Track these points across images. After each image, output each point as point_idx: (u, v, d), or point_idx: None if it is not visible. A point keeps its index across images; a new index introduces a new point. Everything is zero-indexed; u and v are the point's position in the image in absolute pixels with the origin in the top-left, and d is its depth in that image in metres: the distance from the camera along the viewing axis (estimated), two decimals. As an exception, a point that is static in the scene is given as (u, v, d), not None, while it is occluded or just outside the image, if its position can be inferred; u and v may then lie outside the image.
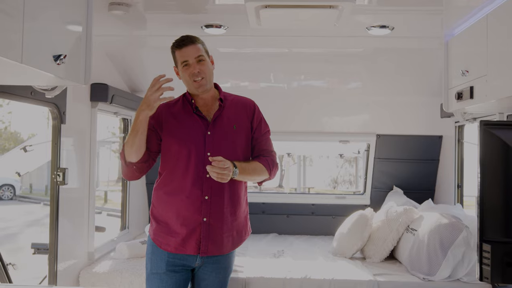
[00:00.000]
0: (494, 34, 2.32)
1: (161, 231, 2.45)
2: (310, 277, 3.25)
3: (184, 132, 2.42)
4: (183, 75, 2.43)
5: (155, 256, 2.47)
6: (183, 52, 2.40)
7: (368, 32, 3.36)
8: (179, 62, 2.43)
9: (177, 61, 2.44)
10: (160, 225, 2.45)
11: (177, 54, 2.43)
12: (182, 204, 2.39)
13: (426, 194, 4.48)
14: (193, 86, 2.41)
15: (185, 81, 2.44)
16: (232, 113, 2.49)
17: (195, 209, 2.38)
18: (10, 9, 1.62)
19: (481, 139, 1.66)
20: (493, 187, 1.64)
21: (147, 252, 2.53)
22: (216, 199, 2.40)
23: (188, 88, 2.47)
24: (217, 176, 2.22)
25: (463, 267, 3.17)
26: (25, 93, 2.59)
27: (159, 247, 2.45)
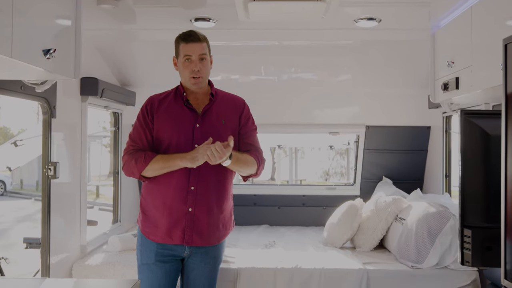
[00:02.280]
0: (478, 25, 2.37)
1: (149, 221, 2.50)
2: (301, 267, 3.30)
3: (174, 123, 2.47)
4: (183, 69, 2.47)
5: (145, 247, 2.52)
6: (189, 47, 2.44)
7: (356, 24, 3.39)
8: (181, 55, 2.46)
9: (180, 53, 2.47)
10: (147, 216, 2.51)
11: (181, 46, 2.46)
12: (169, 195, 2.44)
13: (414, 184, 4.54)
14: (190, 82, 2.47)
15: (183, 75, 2.49)
16: (222, 108, 2.53)
17: (180, 199, 2.42)
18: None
19: (462, 128, 1.70)
20: (474, 174, 1.68)
21: (137, 243, 2.58)
22: (202, 191, 2.43)
23: (184, 81, 2.52)
24: (210, 154, 2.24)
25: (451, 255, 3.23)
26: (15, 87, 2.59)
27: (147, 238, 2.50)
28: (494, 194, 1.52)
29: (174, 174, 2.42)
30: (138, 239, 2.57)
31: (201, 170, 2.40)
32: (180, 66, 2.49)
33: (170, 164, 2.38)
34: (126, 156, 2.46)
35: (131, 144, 2.49)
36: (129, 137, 2.53)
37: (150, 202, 2.50)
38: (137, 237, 2.59)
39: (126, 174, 2.49)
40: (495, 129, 1.61)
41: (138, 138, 2.49)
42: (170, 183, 2.43)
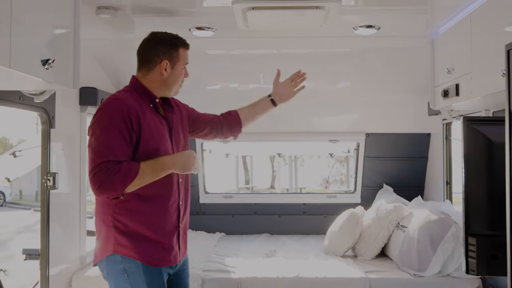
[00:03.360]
0: (477, 32, 2.37)
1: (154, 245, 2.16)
2: (302, 276, 3.27)
3: (159, 134, 2.21)
4: (179, 77, 2.29)
5: (153, 278, 2.15)
6: (187, 54, 2.32)
7: (354, 32, 3.39)
8: (181, 62, 2.28)
9: (180, 59, 2.27)
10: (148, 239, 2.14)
11: (182, 52, 2.28)
12: (163, 209, 2.19)
13: (415, 191, 4.52)
14: (176, 89, 2.32)
15: (175, 83, 2.29)
16: (178, 112, 2.41)
17: (174, 211, 2.24)
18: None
19: (465, 135, 1.69)
20: (478, 181, 1.67)
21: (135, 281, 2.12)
22: (186, 201, 2.34)
23: (168, 87, 2.28)
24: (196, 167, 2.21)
25: (453, 262, 3.21)
26: (14, 98, 2.58)
27: (153, 267, 2.15)
28: (499, 201, 1.50)
29: (168, 188, 2.20)
30: (133, 272, 2.11)
31: (185, 179, 2.32)
32: (176, 73, 2.27)
33: (160, 173, 2.11)
34: (104, 172, 1.99)
35: (111, 159, 2.01)
36: (104, 149, 2.03)
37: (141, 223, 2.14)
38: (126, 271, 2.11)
39: (100, 193, 2.04)
40: (498, 136, 1.59)
41: (119, 150, 2.04)
42: (163, 195, 2.19)
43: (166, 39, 2.27)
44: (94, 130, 2.09)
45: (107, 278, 2.18)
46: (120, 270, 2.11)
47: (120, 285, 2.12)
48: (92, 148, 2.06)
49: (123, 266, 2.11)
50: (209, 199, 4.85)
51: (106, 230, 2.14)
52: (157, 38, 2.28)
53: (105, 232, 2.14)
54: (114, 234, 2.11)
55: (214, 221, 4.79)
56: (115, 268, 2.12)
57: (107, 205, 2.13)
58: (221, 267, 3.48)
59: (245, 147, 5.99)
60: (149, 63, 2.26)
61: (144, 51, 2.29)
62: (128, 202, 2.11)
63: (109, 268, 2.14)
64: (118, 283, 2.13)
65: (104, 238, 2.15)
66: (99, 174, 1.99)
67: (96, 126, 2.09)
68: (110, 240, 2.12)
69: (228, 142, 4.77)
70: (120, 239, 2.11)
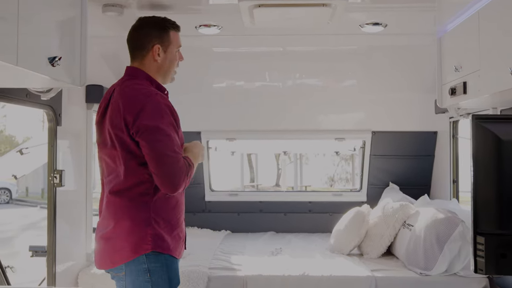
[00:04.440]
0: (486, 29, 2.34)
1: (176, 236, 2.13)
2: (308, 274, 3.26)
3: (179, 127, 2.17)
4: (173, 61, 2.21)
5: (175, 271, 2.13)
6: (179, 37, 2.22)
7: (361, 29, 3.37)
8: (174, 45, 2.20)
9: (172, 42, 2.19)
10: (175, 229, 2.12)
11: (173, 35, 2.20)
12: (182, 200, 2.21)
13: (422, 189, 4.50)
14: (171, 76, 2.24)
15: (169, 68, 2.20)
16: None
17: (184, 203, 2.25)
18: (5, 12, 1.63)
19: (474, 133, 1.68)
20: (486, 180, 1.65)
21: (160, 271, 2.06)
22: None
23: (165, 73, 2.21)
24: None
25: (460, 261, 3.19)
26: (21, 95, 2.59)
27: (176, 257, 2.13)
28: (508, 200, 1.49)
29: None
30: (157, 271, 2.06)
31: None
32: (169, 57, 2.19)
33: (196, 160, 2.18)
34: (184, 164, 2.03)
35: (179, 152, 2.04)
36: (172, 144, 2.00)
37: (176, 215, 2.14)
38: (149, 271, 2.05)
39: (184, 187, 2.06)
40: (507, 134, 1.58)
41: (177, 145, 2.04)
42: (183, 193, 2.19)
43: (155, 23, 2.18)
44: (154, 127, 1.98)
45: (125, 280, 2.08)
46: (143, 270, 2.04)
47: (140, 285, 2.05)
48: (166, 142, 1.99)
49: (147, 266, 2.04)
50: (214, 197, 4.85)
51: (143, 229, 2.03)
52: (145, 22, 2.20)
53: (139, 232, 2.04)
54: (154, 231, 2.03)
55: (220, 219, 4.79)
56: (138, 268, 2.04)
57: (144, 204, 2.04)
58: (227, 265, 3.49)
59: (251, 145, 5.99)
60: (141, 49, 2.17)
61: (134, 38, 2.20)
62: (164, 197, 2.07)
63: (131, 270, 2.05)
64: (137, 284, 2.05)
65: (136, 238, 2.03)
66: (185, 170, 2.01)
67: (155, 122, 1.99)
68: (147, 238, 2.03)
69: (233, 140, 4.78)
70: (162, 235, 2.05)
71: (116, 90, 2.14)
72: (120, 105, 2.03)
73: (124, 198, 2.05)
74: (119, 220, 2.06)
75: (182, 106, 2.67)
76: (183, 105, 2.63)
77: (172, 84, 2.30)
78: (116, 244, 2.06)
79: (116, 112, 2.03)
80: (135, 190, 2.04)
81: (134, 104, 2.01)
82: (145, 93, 2.05)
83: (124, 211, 2.06)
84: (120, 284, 2.11)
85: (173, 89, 2.63)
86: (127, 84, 2.13)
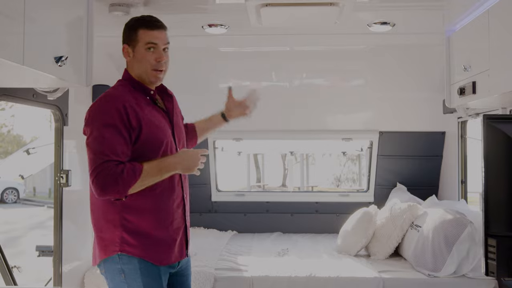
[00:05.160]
0: (495, 28, 2.32)
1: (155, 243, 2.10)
2: (315, 275, 3.24)
3: (160, 127, 2.12)
4: (146, 58, 2.11)
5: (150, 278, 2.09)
6: (154, 34, 2.11)
7: (369, 29, 3.35)
8: (142, 42, 2.10)
9: (138, 40, 2.10)
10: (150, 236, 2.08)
11: (143, 33, 2.10)
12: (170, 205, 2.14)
13: (430, 190, 4.46)
14: (151, 75, 2.12)
15: (142, 66, 2.12)
16: (175, 103, 2.33)
17: (180, 207, 2.20)
18: (11, 11, 1.63)
19: (485, 133, 1.65)
20: (498, 181, 1.63)
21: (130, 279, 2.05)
22: (188, 196, 2.28)
23: (141, 73, 2.14)
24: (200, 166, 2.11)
25: (468, 263, 3.16)
26: (28, 95, 2.59)
27: (154, 264, 2.09)
28: (520, 202, 1.47)
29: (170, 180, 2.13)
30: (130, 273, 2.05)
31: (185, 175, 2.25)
32: (137, 56, 2.11)
33: (163, 174, 2.04)
34: (106, 174, 1.91)
35: (113, 158, 1.94)
36: (104, 149, 1.94)
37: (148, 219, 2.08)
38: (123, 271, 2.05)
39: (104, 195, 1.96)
40: (519, 134, 1.56)
41: (119, 150, 1.96)
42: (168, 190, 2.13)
43: (128, 23, 2.17)
44: (91, 129, 1.99)
45: (106, 277, 2.13)
46: (117, 270, 2.05)
47: (117, 285, 2.07)
48: (90, 148, 1.97)
49: (121, 266, 2.05)
50: (221, 197, 4.84)
51: (112, 230, 2.06)
52: (125, 23, 2.19)
53: (110, 232, 2.06)
54: (122, 233, 2.04)
55: (226, 219, 4.78)
56: (113, 268, 2.06)
57: (113, 205, 2.04)
58: (233, 265, 3.47)
59: (257, 145, 5.97)
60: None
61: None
62: (136, 200, 2.04)
63: (108, 268, 2.09)
64: (115, 283, 2.08)
65: (108, 238, 2.07)
66: (101, 175, 1.91)
67: (92, 125, 1.99)
68: (116, 240, 2.04)
69: (240, 140, 4.76)
70: (128, 238, 2.04)
71: None
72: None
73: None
74: (95, 219, 2.15)
75: (188, 106, 2.66)
76: (189, 105, 2.61)
77: (178, 83, 2.29)
78: (94, 242, 2.17)
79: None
80: None
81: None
82: (100, 97, 2.07)
83: (99, 211, 2.11)
84: (106, 281, 2.18)
85: (179, 88, 2.62)
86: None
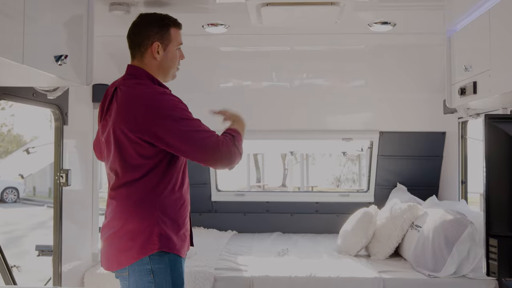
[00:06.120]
0: (497, 28, 2.31)
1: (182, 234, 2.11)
2: (315, 275, 3.24)
3: None
4: (173, 59, 2.18)
5: (180, 270, 2.09)
6: (180, 34, 2.20)
7: (370, 28, 3.34)
8: (174, 42, 2.16)
9: (172, 40, 2.16)
10: (180, 227, 2.10)
11: (174, 32, 2.17)
12: (187, 195, 2.18)
13: (430, 190, 4.46)
14: (173, 75, 2.22)
15: (171, 66, 2.19)
16: None
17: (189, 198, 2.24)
18: (11, 10, 1.62)
19: (486, 133, 1.64)
20: (499, 181, 1.62)
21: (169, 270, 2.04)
22: None
23: (170, 72, 2.20)
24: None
25: (469, 263, 3.16)
26: (27, 94, 2.59)
27: (182, 257, 2.11)
28: (521, 202, 1.46)
29: (185, 171, 2.16)
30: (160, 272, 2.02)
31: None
32: (169, 56, 2.16)
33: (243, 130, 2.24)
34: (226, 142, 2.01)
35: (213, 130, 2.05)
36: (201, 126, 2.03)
37: (182, 214, 2.11)
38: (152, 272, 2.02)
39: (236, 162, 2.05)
40: (521, 134, 1.55)
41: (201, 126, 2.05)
42: (185, 181, 2.15)
43: (155, 20, 2.16)
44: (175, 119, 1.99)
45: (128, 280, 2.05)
46: (146, 272, 2.01)
47: (143, 286, 2.02)
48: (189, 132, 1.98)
49: (150, 266, 2.00)
50: (221, 197, 4.83)
51: (146, 230, 2.00)
52: (146, 19, 2.17)
53: (144, 232, 2.00)
54: (160, 230, 2.00)
55: (226, 219, 4.78)
56: (140, 269, 2.01)
57: (150, 200, 2.01)
58: (233, 265, 3.47)
59: (257, 145, 5.97)
60: (141, 46, 2.15)
61: (134, 34, 2.17)
62: (171, 196, 2.05)
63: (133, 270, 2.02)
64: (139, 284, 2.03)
65: (142, 239, 2.00)
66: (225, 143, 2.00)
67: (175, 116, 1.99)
68: (153, 238, 2.00)
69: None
70: (167, 235, 2.02)
71: (120, 89, 2.09)
72: (128, 106, 2.01)
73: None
74: (126, 220, 2.03)
75: (188, 106, 2.65)
76: (190, 105, 2.60)
77: (179, 83, 2.29)
78: (121, 245, 2.03)
79: (123, 112, 2.01)
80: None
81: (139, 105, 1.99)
82: (151, 93, 2.03)
83: (130, 211, 2.03)
84: (124, 283, 2.09)
85: (180, 88, 2.61)
86: (129, 84, 2.10)
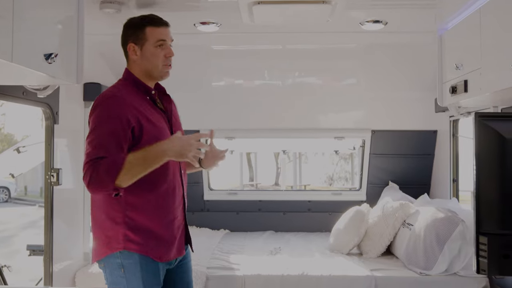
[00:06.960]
0: (487, 27, 2.32)
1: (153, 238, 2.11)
2: (307, 274, 3.24)
3: (159, 128, 2.12)
4: (157, 55, 2.13)
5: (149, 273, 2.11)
6: (161, 31, 2.15)
7: (361, 27, 3.35)
8: (151, 40, 2.12)
9: (148, 38, 2.13)
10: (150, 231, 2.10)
11: (151, 31, 2.13)
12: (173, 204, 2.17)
13: (421, 189, 4.48)
14: (162, 70, 2.16)
15: (153, 63, 2.14)
16: (173, 104, 2.33)
17: (181, 205, 2.22)
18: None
19: (477, 131, 1.65)
20: (489, 179, 1.63)
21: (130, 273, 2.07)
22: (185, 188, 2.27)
23: (152, 70, 2.16)
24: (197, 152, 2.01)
25: (460, 261, 3.17)
26: (17, 93, 2.57)
27: (153, 260, 2.11)
28: (511, 199, 1.47)
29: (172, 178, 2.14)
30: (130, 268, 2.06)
31: (183, 164, 2.25)
32: (148, 53, 2.12)
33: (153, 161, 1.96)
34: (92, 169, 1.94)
35: (103, 154, 1.95)
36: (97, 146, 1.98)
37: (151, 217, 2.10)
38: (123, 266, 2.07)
39: (93, 190, 1.98)
40: (511, 132, 1.55)
41: (115, 145, 1.97)
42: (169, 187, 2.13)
43: (132, 22, 2.18)
44: (91, 128, 2.04)
45: (105, 272, 2.14)
46: (117, 265, 2.07)
47: (116, 279, 2.09)
48: (86, 145, 2.03)
49: (121, 261, 2.07)
50: (213, 195, 4.83)
51: (115, 228, 2.06)
52: (124, 24, 2.21)
53: (113, 230, 2.07)
54: (125, 231, 2.05)
55: (219, 218, 4.77)
56: (113, 262, 2.08)
57: (117, 202, 2.05)
58: (226, 264, 3.46)
59: (250, 144, 5.96)
60: (124, 50, 2.20)
61: (121, 39, 2.22)
62: (140, 198, 2.06)
63: (107, 263, 2.10)
64: (114, 277, 2.10)
65: (111, 235, 2.08)
66: (88, 171, 1.94)
67: (93, 123, 2.04)
68: (119, 237, 2.06)
69: (232, 139, 4.75)
70: (131, 236, 2.05)
71: None
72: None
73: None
74: (96, 217, 2.15)
75: (180, 105, 2.64)
76: (182, 103, 2.59)
77: (170, 81, 2.27)
78: (95, 239, 2.16)
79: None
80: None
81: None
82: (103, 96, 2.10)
83: (101, 209, 2.11)
84: (104, 275, 2.17)
85: (171, 86, 2.59)
86: None
